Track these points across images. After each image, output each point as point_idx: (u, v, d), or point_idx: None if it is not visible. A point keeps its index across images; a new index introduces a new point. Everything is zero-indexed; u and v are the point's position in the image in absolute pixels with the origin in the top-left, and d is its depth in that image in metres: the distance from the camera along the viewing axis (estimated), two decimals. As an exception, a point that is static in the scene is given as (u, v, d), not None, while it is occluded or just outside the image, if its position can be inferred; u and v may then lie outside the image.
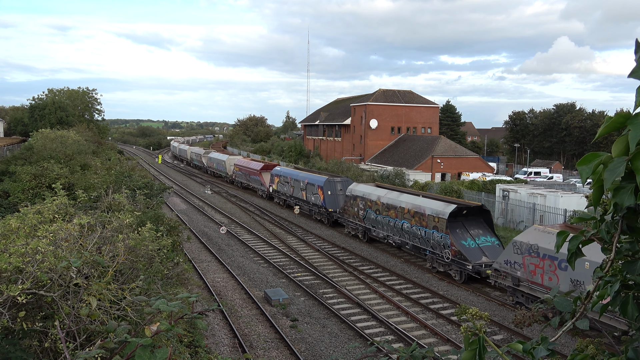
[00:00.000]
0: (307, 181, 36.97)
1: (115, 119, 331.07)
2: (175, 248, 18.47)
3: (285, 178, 41.32)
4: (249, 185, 50.88)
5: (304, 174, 39.21)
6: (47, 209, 10.50)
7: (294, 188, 39.47)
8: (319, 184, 35.01)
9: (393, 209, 26.92)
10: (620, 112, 1.73)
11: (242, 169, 52.77)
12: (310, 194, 36.49)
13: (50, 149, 31.34)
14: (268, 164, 48.72)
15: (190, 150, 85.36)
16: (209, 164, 67.95)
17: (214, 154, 68.93)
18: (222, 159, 61.49)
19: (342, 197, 33.51)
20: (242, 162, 54.98)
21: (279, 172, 43.16)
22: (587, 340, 2.28)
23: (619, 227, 1.91)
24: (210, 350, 14.47)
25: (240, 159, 58.54)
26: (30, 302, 6.58)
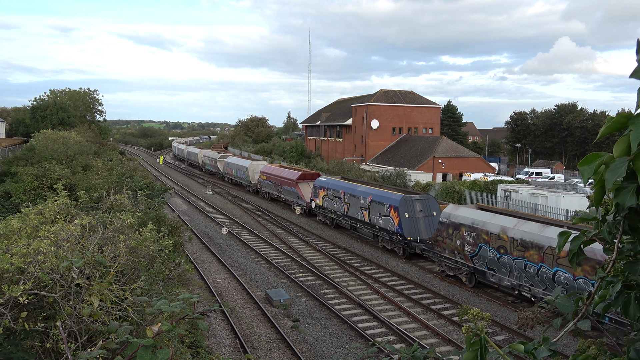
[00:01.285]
0: (372, 198, 28.94)
1: (116, 120, 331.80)
2: (177, 249, 18.48)
3: (335, 192, 33.13)
4: (280, 197, 43.07)
5: (367, 188, 30.93)
6: (49, 210, 10.51)
7: (349, 205, 31.42)
8: (392, 203, 26.85)
9: (535, 248, 18.21)
10: (622, 113, 1.72)
11: (272, 178, 44.29)
12: (376, 214, 28.36)
13: (51, 149, 31.38)
14: (307, 173, 41.32)
15: (202, 153, 74.96)
16: (226, 170, 58.97)
17: (232, 158, 59.82)
18: (244, 164, 52.66)
19: (423, 220, 26.34)
20: (270, 169, 46.23)
21: (325, 184, 34.86)
22: (589, 340, 2.28)
23: (620, 227, 1.90)
24: (211, 351, 14.47)
25: (268, 165, 49.64)
26: (32, 303, 6.59)
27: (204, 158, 72.58)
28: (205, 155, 72.44)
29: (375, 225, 28.62)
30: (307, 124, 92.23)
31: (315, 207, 35.93)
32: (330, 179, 35.58)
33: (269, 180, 44.92)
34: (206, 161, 70.93)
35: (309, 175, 40.44)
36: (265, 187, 46.25)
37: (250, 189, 51.21)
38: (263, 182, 46.70)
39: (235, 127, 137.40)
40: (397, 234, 26.40)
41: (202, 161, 73.47)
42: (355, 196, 30.69)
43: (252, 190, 50.44)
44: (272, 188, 44.51)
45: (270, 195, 45.36)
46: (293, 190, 39.70)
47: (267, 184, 45.54)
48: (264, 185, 46.46)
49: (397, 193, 28.00)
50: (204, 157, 73.12)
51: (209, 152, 73.02)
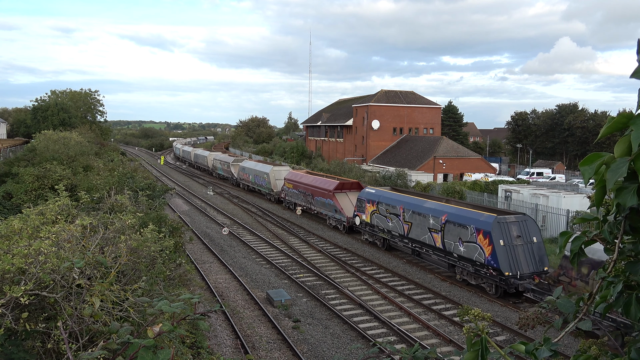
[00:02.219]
0: (448, 218, 22.65)
1: (117, 121, 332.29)
2: (178, 249, 18.48)
3: (390, 207, 27.06)
4: (311, 209, 37.07)
5: (438, 204, 24.31)
6: (50, 210, 10.52)
7: (410, 225, 25.25)
8: (481, 226, 20.68)
9: None
10: (623, 113, 1.72)
11: (300, 187, 38.46)
12: (454, 239, 22.17)
13: (52, 150, 31.42)
14: (345, 182, 35.01)
15: (212, 156, 68.43)
16: (242, 175, 53.08)
17: (249, 163, 53.36)
18: (264, 170, 46.81)
19: (522, 248, 20.24)
20: (297, 176, 40.24)
21: (375, 197, 28.78)
22: (590, 341, 2.27)
23: (621, 227, 1.90)
24: (212, 351, 14.48)
25: (294, 172, 43.20)
26: (33, 303, 6.60)
27: (215, 162, 65.87)
28: (217, 158, 65.14)
29: (452, 253, 22.32)
30: (308, 124, 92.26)
31: (361, 223, 29.89)
32: (380, 191, 29.30)
33: (297, 190, 39.08)
34: (217, 165, 64.14)
35: (347, 185, 34.53)
36: (291, 196, 40.36)
37: (271, 197, 45.49)
38: (288, 191, 40.81)
39: (236, 128, 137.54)
40: (489, 267, 20.17)
41: (213, 165, 66.97)
42: (421, 214, 24.44)
43: (274, 199, 44.73)
44: (300, 198, 38.63)
45: (297, 206, 39.52)
46: (329, 203, 33.85)
47: (294, 193, 39.74)
48: (290, 195, 40.63)
49: (485, 213, 21.43)
50: (214, 161, 66.21)
51: (221, 155, 65.69)
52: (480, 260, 20.62)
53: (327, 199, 33.98)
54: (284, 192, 41.76)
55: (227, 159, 61.15)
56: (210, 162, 68.45)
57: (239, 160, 58.22)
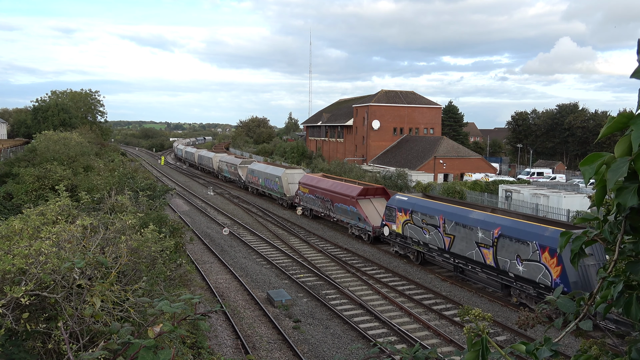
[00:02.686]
0: (502, 231, 19.73)
1: (118, 121, 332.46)
2: (178, 249, 18.50)
3: (427, 217, 23.87)
4: (330, 216, 34.21)
5: (487, 215, 21.26)
6: (50, 211, 10.53)
7: (453, 238, 22.33)
8: (546, 243, 17.82)
9: None
10: (623, 112, 1.72)
11: (317, 192, 35.50)
12: (510, 256, 19.24)
13: (53, 150, 31.44)
14: (369, 187, 31.95)
15: (218, 158, 65.47)
16: (251, 178, 50.16)
17: (258, 165, 50.47)
18: (275, 173, 43.81)
19: (594, 269, 16.98)
20: (314, 180, 36.98)
21: (408, 205, 25.36)
22: (591, 341, 2.27)
23: (622, 227, 1.90)
24: (213, 352, 14.48)
25: (310, 175, 39.80)
26: (34, 304, 6.60)
27: (221, 163, 62.66)
28: (223, 160, 62.15)
29: (507, 272, 19.47)
30: (308, 124, 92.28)
31: (390, 234, 26.76)
32: (415, 198, 25.86)
33: (314, 195, 36.02)
34: (223, 167, 60.98)
35: (371, 191, 31.66)
36: (307, 202, 37.41)
37: (284, 202, 42.57)
38: (303, 196, 37.94)
39: (237, 128, 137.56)
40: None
41: (218, 167, 63.73)
42: (466, 226, 21.49)
43: (287, 204, 41.90)
44: (318, 204, 35.70)
45: (314, 212, 36.95)
46: (351, 210, 31.00)
47: (310, 199, 36.74)
48: (305, 200, 37.72)
49: (550, 227, 18.32)
50: (220, 163, 63.15)
51: (227, 157, 62.77)
52: (545, 282, 17.75)
53: (349, 205, 31.12)
54: (299, 197, 39.12)
55: (234, 160, 57.95)
56: (215, 163, 65.59)
57: (247, 162, 55.38)
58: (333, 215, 33.70)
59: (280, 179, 42.29)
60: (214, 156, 67.17)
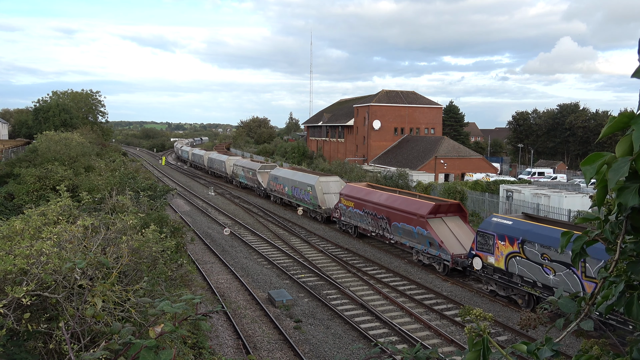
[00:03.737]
0: None
1: (119, 121, 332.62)
2: (179, 249, 18.51)
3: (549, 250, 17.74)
4: (386, 237, 27.89)
5: None
6: (51, 211, 10.53)
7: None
8: None
9: None
10: (624, 112, 1.72)
11: (368, 206, 29.35)
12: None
13: (54, 151, 31.47)
14: (442, 203, 25.34)
15: (232, 162, 59.01)
16: (274, 186, 44.21)
17: (283, 171, 43.75)
18: (307, 181, 37.51)
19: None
20: (361, 192, 30.68)
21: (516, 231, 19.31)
22: (592, 341, 2.27)
23: (623, 227, 1.90)
24: (214, 352, 14.48)
25: (354, 185, 32.97)
26: (35, 304, 6.60)
27: (236, 168, 55.79)
28: (238, 164, 55.25)
29: None
30: (309, 124, 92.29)
31: (485, 268, 20.68)
32: (525, 223, 19.47)
33: (361, 210, 29.97)
34: (239, 172, 54.56)
35: (444, 207, 25.22)
36: (352, 217, 31.30)
37: (317, 216, 36.56)
38: (346, 211, 31.75)
39: (237, 128, 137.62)
40: None
41: (233, 171, 57.19)
42: None
43: (322, 218, 35.87)
44: (367, 222, 29.59)
45: (360, 230, 30.77)
46: (419, 232, 24.61)
47: (356, 214, 30.63)
48: (349, 215, 31.51)
49: None
50: (235, 167, 56.24)
51: (242, 161, 56.24)
52: None
53: (415, 226, 24.85)
54: (339, 211, 32.80)
55: (251, 165, 51.34)
56: (228, 168, 59.34)
57: (268, 167, 49.16)
58: (390, 236, 27.44)
59: (314, 188, 36.07)
60: (227, 159, 60.72)
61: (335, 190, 35.79)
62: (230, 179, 59.01)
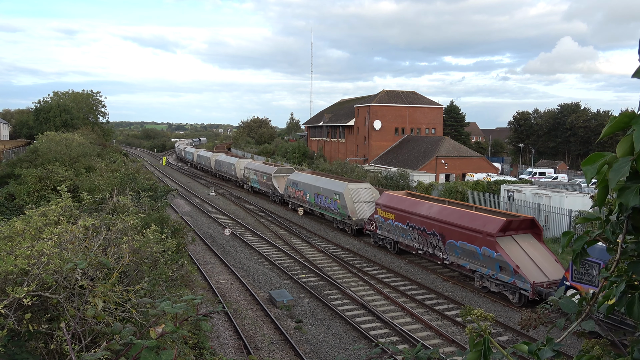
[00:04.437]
0: None
1: (119, 122, 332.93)
2: (180, 250, 18.51)
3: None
4: (437, 255, 23.62)
5: None
6: (52, 211, 10.54)
7: None
8: None
9: None
10: (625, 112, 1.72)
11: (413, 219, 25.06)
12: None
13: (55, 151, 31.48)
14: (513, 219, 21.22)
15: (242, 165, 54.47)
16: (293, 192, 39.82)
17: (303, 176, 39.26)
18: (334, 188, 33.18)
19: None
20: (404, 203, 26.27)
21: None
22: (593, 341, 2.27)
23: (624, 227, 1.90)
24: (215, 352, 14.48)
25: (393, 194, 28.44)
26: (36, 304, 6.61)
27: (248, 172, 51.77)
28: (250, 167, 51.14)
29: None
30: (310, 124, 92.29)
31: None
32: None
33: (405, 223, 25.60)
34: (251, 176, 50.38)
35: (515, 224, 21.07)
36: (391, 231, 27.04)
37: (347, 227, 32.42)
38: (384, 223, 27.53)
39: (238, 128, 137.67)
40: None
41: (244, 175, 53.18)
42: None
43: (352, 230, 31.82)
44: (413, 237, 25.26)
45: (401, 246, 26.63)
46: (486, 254, 20.47)
47: (398, 227, 26.30)
48: (387, 228, 27.37)
49: None
50: (246, 171, 52.23)
51: (255, 164, 51.96)
52: None
53: (481, 247, 20.67)
54: (375, 223, 28.48)
55: (266, 168, 47.18)
56: (238, 171, 55.09)
57: (284, 171, 45.04)
58: (443, 255, 23.17)
59: (342, 197, 31.87)
60: (237, 162, 55.90)
61: (367, 199, 32.14)
62: (241, 183, 54.85)
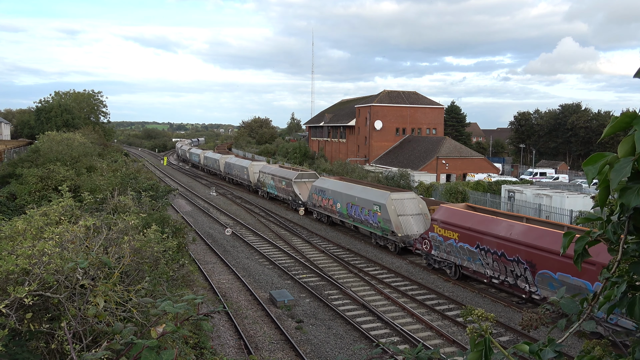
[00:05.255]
0: None
1: (120, 121, 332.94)
2: (181, 249, 18.52)
3: None
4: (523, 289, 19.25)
5: None
6: (53, 211, 10.55)
7: None
8: None
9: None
10: (626, 112, 1.72)
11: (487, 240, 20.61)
12: None
13: (56, 151, 31.49)
14: None
15: (256, 168, 50.38)
16: (319, 200, 35.62)
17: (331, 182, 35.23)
18: (374, 199, 28.75)
19: None
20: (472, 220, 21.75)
21: None
22: (594, 341, 2.27)
23: (625, 227, 1.90)
24: (215, 352, 14.49)
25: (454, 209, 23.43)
26: (37, 304, 6.61)
27: (263, 176, 47.05)
28: (266, 172, 46.68)
29: None
30: (311, 125, 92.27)
31: None
32: None
33: (474, 245, 21.17)
34: (267, 181, 45.92)
35: None
36: (452, 253, 22.60)
37: (391, 244, 27.89)
38: (443, 243, 23.02)
39: (239, 129, 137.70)
40: None
41: (259, 180, 48.27)
42: None
43: (396, 248, 27.50)
44: (485, 262, 20.76)
45: (464, 270, 22.26)
46: None
47: (462, 249, 21.90)
48: (446, 249, 22.92)
49: None
50: (262, 175, 47.69)
51: (271, 168, 47.19)
52: None
53: (593, 282, 16.08)
54: (429, 242, 24.01)
55: (285, 173, 42.31)
56: (252, 175, 50.52)
57: (306, 176, 40.74)
58: (530, 288, 18.67)
59: (385, 209, 27.38)
60: (251, 165, 51.28)
61: (412, 211, 27.60)
62: (255, 188, 50.27)
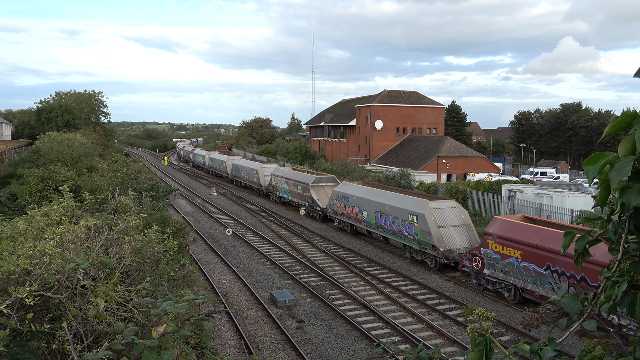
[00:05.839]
0: None
1: (121, 122, 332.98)
2: (182, 250, 18.53)
3: None
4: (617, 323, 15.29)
5: None
6: (54, 211, 10.55)
7: None
8: None
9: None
10: (627, 112, 1.72)
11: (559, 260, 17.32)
12: None
13: (57, 151, 31.51)
14: None
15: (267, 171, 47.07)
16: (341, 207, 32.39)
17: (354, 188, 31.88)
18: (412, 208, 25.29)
19: None
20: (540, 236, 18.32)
21: None
22: (595, 341, 2.27)
23: (626, 227, 1.90)
24: (216, 352, 14.49)
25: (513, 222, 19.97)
26: (38, 304, 6.62)
27: (276, 180, 43.53)
28: (278, 175, 43.06)
29: None
30: (311, 124, 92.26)
31: None
32: None
33: (543, 266, 18.20)
34: (280, 185, 42.39)
35: None
36: (511, 273, 19.65)
37: (430, 259, 24.66)
38: (502, 263, 20.00)
39: (239, 128, 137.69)
40: None
41: (271, 183, 45.07)
42: None
43: (436, 263, 24.35)
44: (557, 287, 17.70)
45: (529, 295, 19.16)
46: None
47: (527, 270, 18.89)
48: (504, 269, 19.95)
49: None
50: (274, 178, 44.12)
51: (285, 171, 42.99)
52: None
53: None
54: (481, 260, 21.00)
55: (301, 177, 39.10)
56: (263, 178, 47.31)
57: (324, 180, 37.67)
58: (620, 321, 15.45)
59: (423, 219, 24.05)
60: (261, 168, 48.01)
61: (454, 222, 24.43)
62: (265, 192, 47.03)
